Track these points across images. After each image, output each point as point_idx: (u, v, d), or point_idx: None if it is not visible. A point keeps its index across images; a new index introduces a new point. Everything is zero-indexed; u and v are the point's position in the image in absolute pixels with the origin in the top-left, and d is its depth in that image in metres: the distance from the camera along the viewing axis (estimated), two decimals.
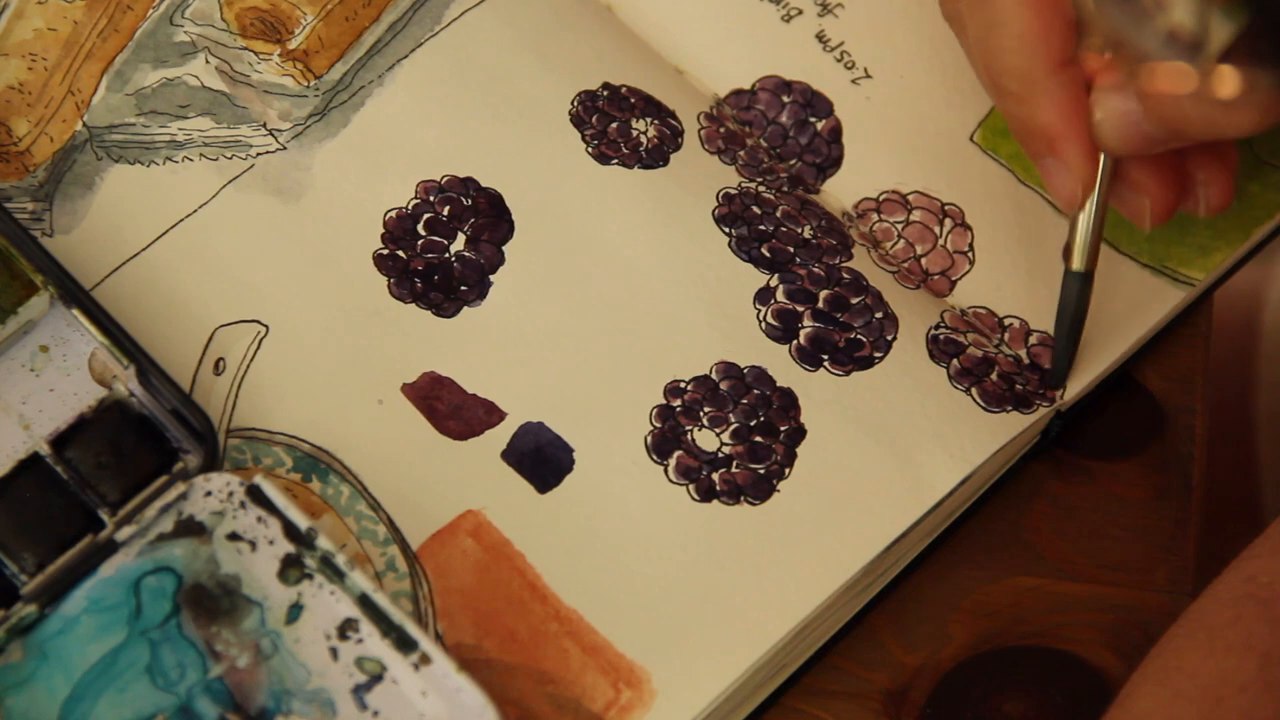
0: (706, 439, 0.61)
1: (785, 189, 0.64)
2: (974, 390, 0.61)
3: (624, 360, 0.61)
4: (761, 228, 0.63)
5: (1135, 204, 0.59)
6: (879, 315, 0.62)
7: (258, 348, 0.62)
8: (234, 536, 0.58)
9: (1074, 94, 0.57)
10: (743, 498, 0.60)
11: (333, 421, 0.61)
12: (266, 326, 0.62)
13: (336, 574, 0.57)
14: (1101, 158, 0.58)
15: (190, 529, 0.58)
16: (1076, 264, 0.60)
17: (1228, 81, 0.51)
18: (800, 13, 0.67)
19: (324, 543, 0.57)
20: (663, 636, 0.58)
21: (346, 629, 0.57)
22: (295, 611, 0.57)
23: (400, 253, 0.63)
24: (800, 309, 0.62)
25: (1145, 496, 0.62)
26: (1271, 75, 0.51)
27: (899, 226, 0.64)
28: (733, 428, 0.61)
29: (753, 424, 0.61)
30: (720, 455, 0.60)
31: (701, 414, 0.61)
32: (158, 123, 0.65)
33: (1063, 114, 0.57)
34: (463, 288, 0.62)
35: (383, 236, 0.63)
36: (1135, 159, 0.58)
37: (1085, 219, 0.59)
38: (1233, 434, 0.76)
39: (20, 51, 0.65)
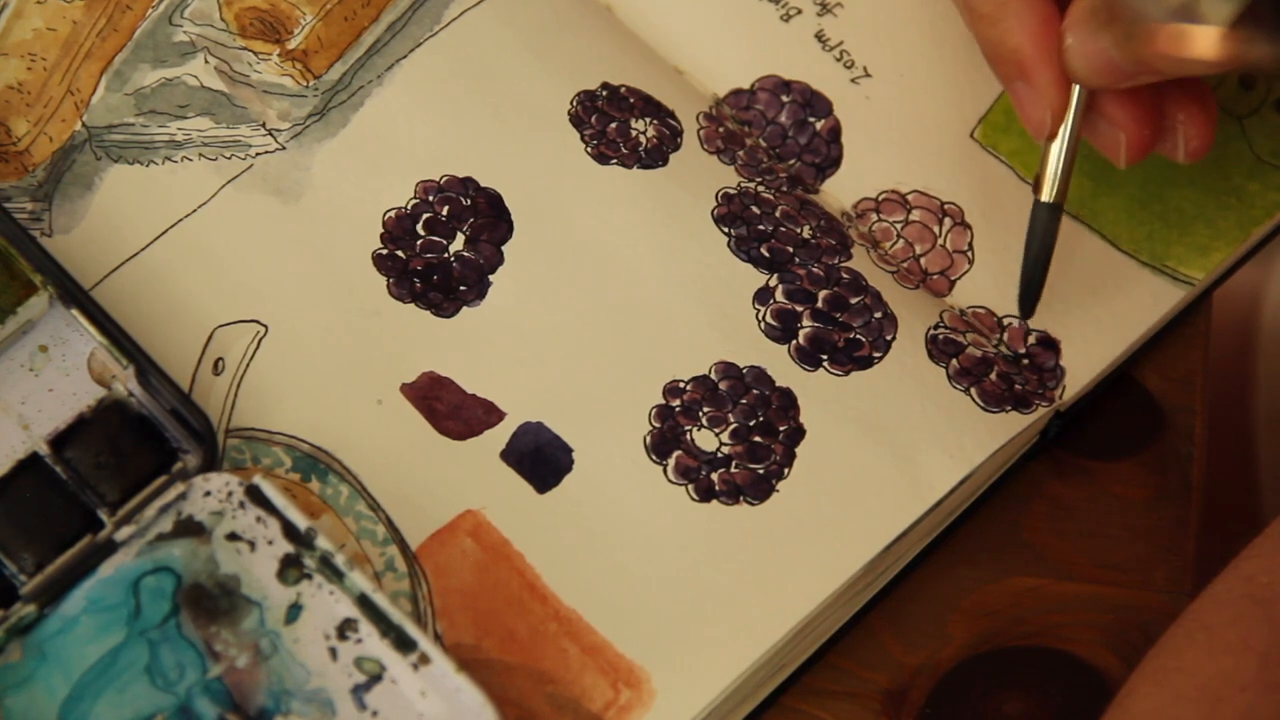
0: (706, 439, 0.61)
1: (784, 189, 0.64)
2: (973, 390, 0.61)
3: (623, 360, 0.61)
4: (761, 228, 0.63)
5: (1110, 138, 0.59)
6: (878, 315, 0.62)
7: (257, 348, 0.62)
8: (233, 536, 0.58)
9: (1046, 19, 0.57)
10: (742, 498, 0.60)
11: (332, 421, 0.61)
12: (266, 326, 0.62)
13: (336, 574, 0.57)
14: (1075, 88, 0.58)
15: (189, 529, 0.58)
16: (1045, 194, 0.60)
17: (1221, 46, 0.51)
18: (799, 12, 0.67)
19: (323, 543, 0.57)
20: (662, 636, 0.58)
21: (346, 629, 0.57)
22: (294, 611, 0.57)
23: (399, 253, 0.63)
24: (799, 309, 0.62)
25: (1144, 497, 0.62)
26: (1270, 42, 0.51)
27: (898, 226, 0.64)
28: (732, 428, 0.61)
29: (752, 424, 0.61)
30: (719, 455, 0.60)
31: (701, 414, 0.61)
32: (157, 122, 0.65)
33: (1033, 38, 0.57)
34: (462, 288, 0.62)
35: (382, 236, 0.63)
36: (1111, 93, 0.58)
37: (1057, 149, 0.59)
38: (1232, 434, 0.76)
39: (19, 51, 0.65)
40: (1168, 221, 0.64)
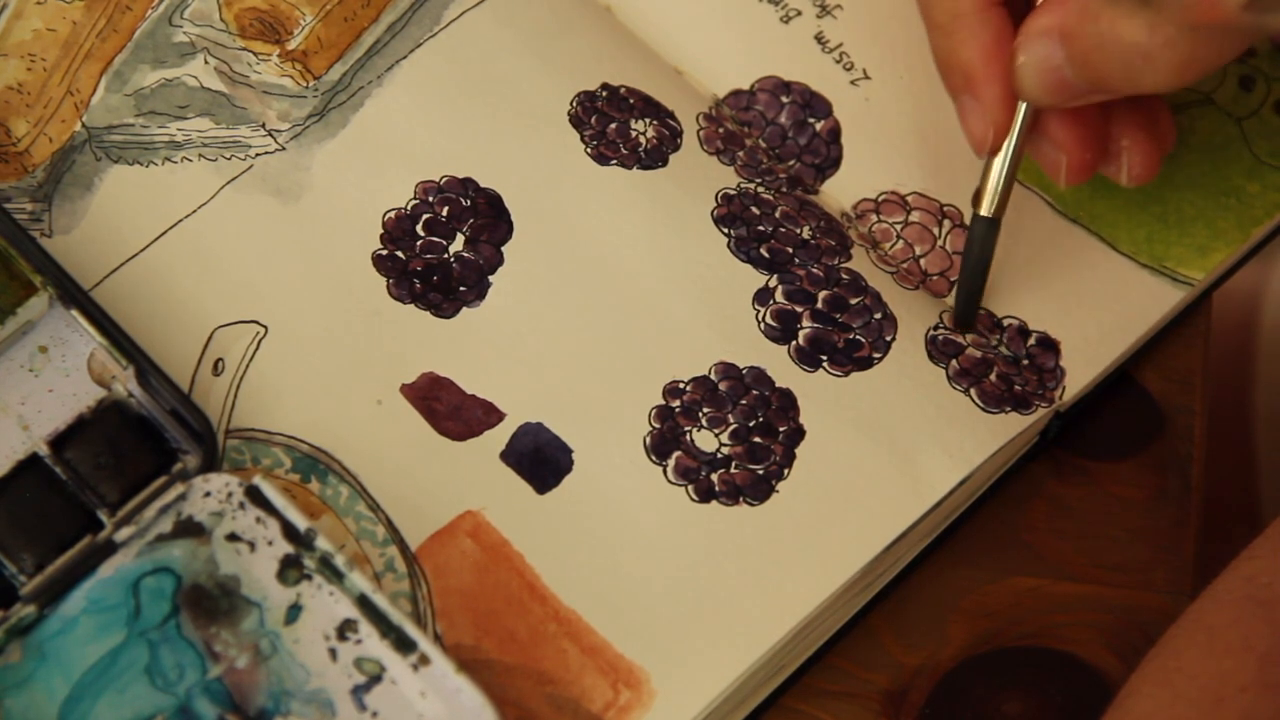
0: (705, 439, 0.61)
1: (784, 189, 0.64)
2: (973, 391, 0.61)
3: (623, 361, 0.61)
4: (760, 228, 0.63)
5: (1052, 159, 0.59)
6: (878, 316, 0.62)
7: (256, 348, 0.62)
8: (233, 537, 0.58)
9: (999, 35, 0.58)
10: (742, 498, 0.60)
11: (332, 422, 0.61)
12: (265, 327, 0.62)
13: (335, 574, 0.57)
14: (1021, 106, 0.58)
15: (189, 529, 0.58)
16: (984, 209, 0.60)
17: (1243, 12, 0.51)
18: (799, 14, 0.67)
19: (323, 543, 0.57)
20: (662, 637, 0.58)
21: (345, 630, 0.57)
22: (294, 612, 0.57)
23: (399, 253, 0.63)
24: (799, 309, 0.62)
25: (1144, 497, 0.62)
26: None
27: (898, 227, 0.64)
28: (731, 428, 0.61)
29: (751, 425, 0.61)
30: (719, 456, 0.60)
31: (700, 415, 0.61)
32: (157, 123, 0.65)
33: (984, 53, 0.58)
34: (461, 288, 0.62)
35: (382, 237, 0.63)
36: (1056, 113, 0.58)
37: (998, 165, 0.59)
38: (1232, 434, 0.76)
39: (19, 52, 0.65)
40: (1167, 223, 0.64)
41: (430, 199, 0.63)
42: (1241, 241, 0.63)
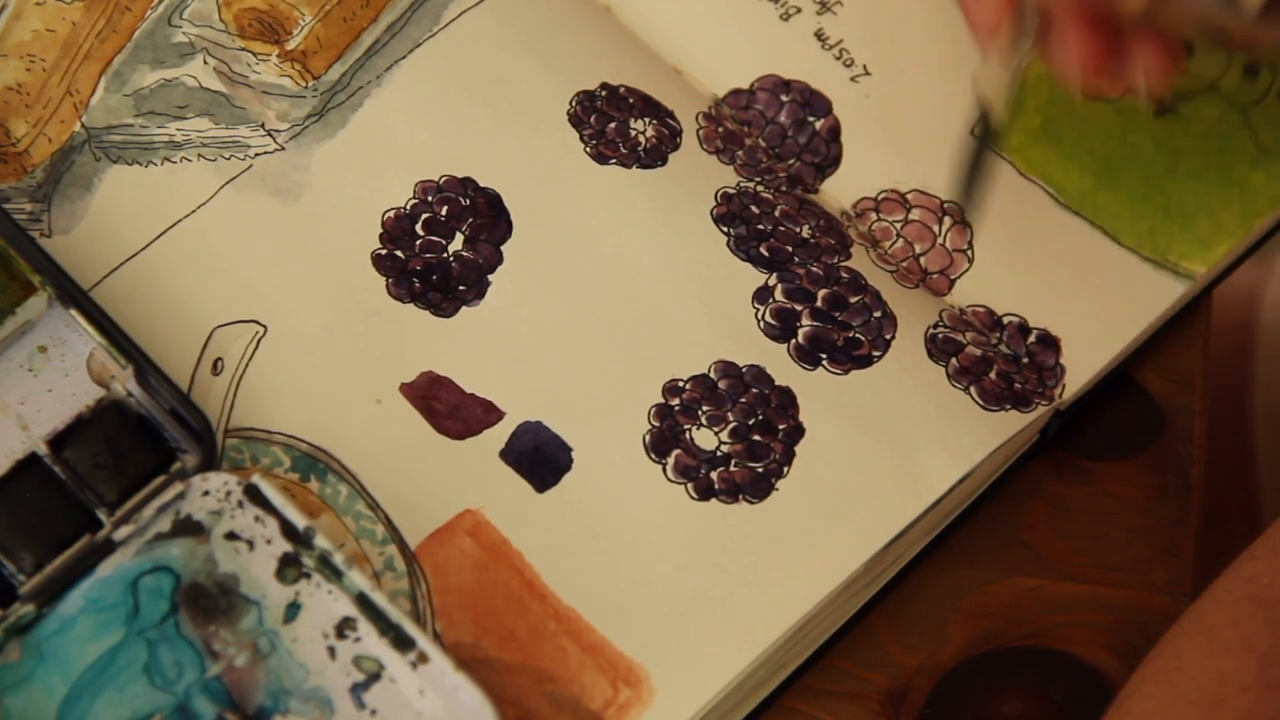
0: (705, 438, 0.60)
1: (784, 188, 0.64)
2: (973, 389, 0.61)
3: (622, 359, 0.61)
4: (760, 227, 0.63)
5: (1063, 57, 0.57)
6: (877, 314, 0.62)
7: (256, 347, 0.62)
8: (232, 536, 0.58)
9: None
10: (741, 496, 0.60)
11: (331, 421, 0.61)
12: (265, 326, 0.62)
13: (334, 573, 0.57)
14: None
15: (188, 528, 0.58)
16: (995, 112, 0.59)
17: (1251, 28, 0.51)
18: (799, 11, 0.67)
19: (322, 542, 0.57)
20: (661, 635, 0.58)
21: (344, 628, 0.57)
22: (293, 610, 0.57)
23: (399, 253, 0.63)
24: (799, 308, 0.62)
25: (1144, 497, 0.62)
26: None
27: (898, 225, 0.64)
28: (731, 426, 0.61)
29: (751, 423, 0.61)
30: (719, 454, 0.60)
31: (700, 413, 0.61)
32: (156, 123, 0.65)
33: None
34: (461, 287, 0.62)
35: (381, 236, 0.63)
36: (1066, 13, 0.57)
37: (1006, 61, 0.58)
38: (1232, 434, 0.76)
39: (19, 52, 0.65)
40: (1170, 215, 0.64)
41: (429, 198, 0.63)
42: (1245, 233, 0.63)
